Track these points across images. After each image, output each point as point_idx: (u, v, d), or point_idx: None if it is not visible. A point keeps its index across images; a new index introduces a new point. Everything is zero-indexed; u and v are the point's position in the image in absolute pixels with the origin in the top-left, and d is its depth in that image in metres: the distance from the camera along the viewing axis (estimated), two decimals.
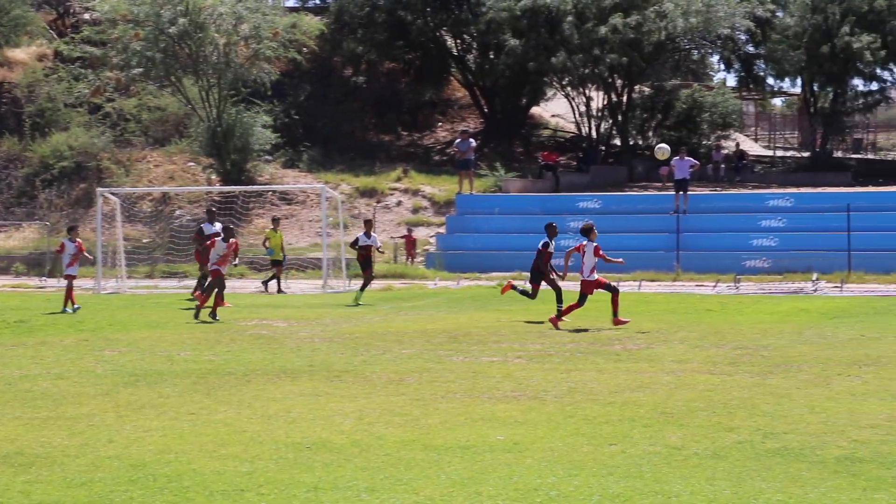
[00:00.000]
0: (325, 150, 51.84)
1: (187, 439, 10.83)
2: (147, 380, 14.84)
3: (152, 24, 45.30)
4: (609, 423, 11.42)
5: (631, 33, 47.48)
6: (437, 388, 13.94)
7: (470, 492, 8.72)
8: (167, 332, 21.36)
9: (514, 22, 49.20)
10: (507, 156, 51.87)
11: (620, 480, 9.02)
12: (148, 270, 40.31)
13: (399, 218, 44.73)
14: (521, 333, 20.34)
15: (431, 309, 25.78)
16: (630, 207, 41.39)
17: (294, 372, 15.48)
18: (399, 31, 52.99)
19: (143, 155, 49.66)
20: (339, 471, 9.47)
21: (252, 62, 46.91)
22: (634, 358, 16.73)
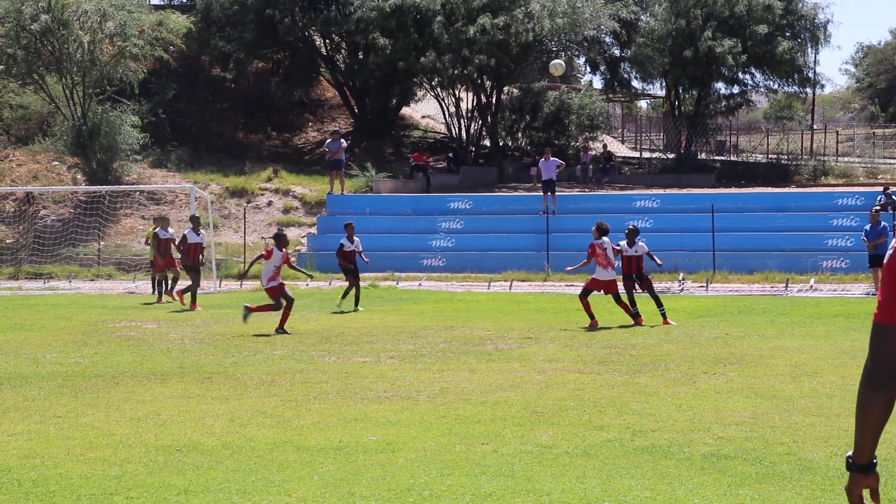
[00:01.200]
0: (194, 150, 51.29)
1: (54, 443, 10.63)
2: (11, 383, 14.53)
3: (13, 20, 44.36)
4: (481, 423, 11.50)
5: (499, 34, 47.81)
6: (309, 388, 13.89)
7: (343, 492, 8.71)
8: (32, 334, 20.94)
9: (382, 21, 49.18)
10: (378, 156, 51.88)
11: (493, 479, 9.08)
12: (12, 271, 39.45)
13: (270, 218, 44.43)
14: (394, 334, 20.36)
15: (303, 310, 25.66)
16: (500, 208, 41.70)
17: (164, 374, 15.29)
18: (267, 29, 52.62)
19: (4, 154, 48.56)
20: (210, 473, 9.38)
21: (118, 60, 46.21)
22: (506, 357, 16.86)
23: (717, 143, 61.94)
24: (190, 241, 28.22)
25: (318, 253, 39.66)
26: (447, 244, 39.40)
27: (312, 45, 55.39)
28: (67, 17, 44.37)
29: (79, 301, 28.78)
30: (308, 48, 55.21)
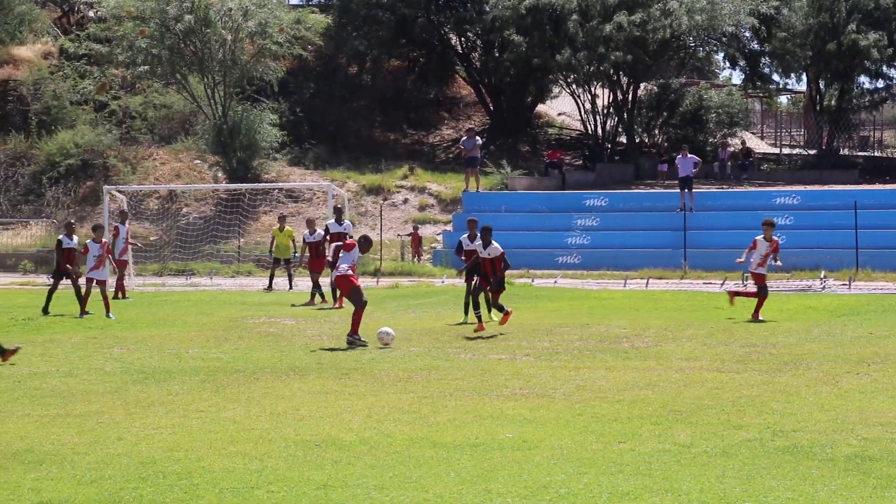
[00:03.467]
0: (331, 148, 51.84)
1: (196, 437, 10.84)
2: (156, 378, 14.85)
3: (158, 20, 45.31)
4: (618, 421, 11.42)
5: (636, 31, 47.43)
6: (445, 385, 13.94)
7: (479, 489, 8.72)
8: (175, 329, 21.37)
9: (518, 19, 49.14)
10: (513, 153, 51.84)
11: (630, 478, 9.01)
12: (156, 268, 40.32)
13: (406, 216, 44.73)
14: (529, 331, 20.33)
15: (439, 307, 25.77)
16: (636, 205, 41.40)
17: (303, 370, 15.49)
18: (403, 28, 52.96)
19: (149, 153, 49.68)
20: (348, 468, 9.47)
21: (258, 59, 46.92)
22: (643, 356, 16.72)
23: (860, 138, 60.63)
24: (332, 231, 27.85)
25: (454, 250, 39.76)
26: (583, 241, 39.24)
27: (448, 42, 55.57)
28: (210, 17, 45.17)
29: (219, 297, 29.31)
30: (443, 46, 55.41)
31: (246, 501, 8.48)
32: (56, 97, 51.56)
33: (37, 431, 11.22)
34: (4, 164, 48.51)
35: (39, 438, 10.85)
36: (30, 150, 49.00)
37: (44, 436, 10.98)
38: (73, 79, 52.02)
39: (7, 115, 52.65)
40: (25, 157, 48.82)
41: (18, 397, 13.36)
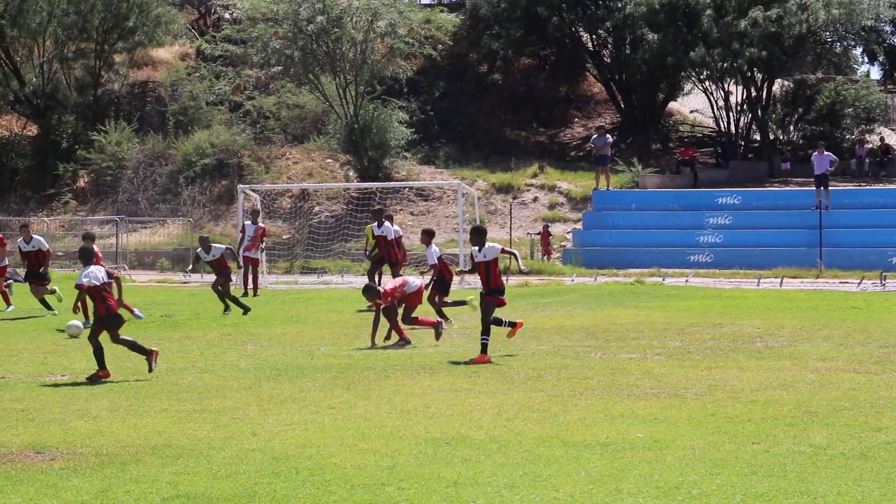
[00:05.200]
0: (462, 147, 51.99)
1: (328, 433, 10.94)
2: (288, 374, 15.04)
3: (291, 22, 45.91)
4: (751, 422, 11.25)
5: (771, 27, 46.71)
6: (575, 384, 13.88)
7: (610, 489, 8.66)
8: (308, 327, 21.63)
9: (651, 16, 48.75)
10: (644, 151, 51.43)
11: (764, 480, 8.87)
12: (287, 266, 40.85)
13: (535, 214, 44.67)
14: (660, 330, 20.14)
15: (568, 305, 25.68)
16: (770, 203, 40.82)
17: (432, 367, 15.55)
18: (534, 26, 52.87)
19: (282, 152, 50.36)
20: (478, 466, 9.48)
21: (388, 59, 47.27)
22: (777, 356, 16.45)
23: None
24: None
25: (584, 248, 39.65)
26: (715, 240, 38.80)
27: (579, 40, 55.34)
28: (341, 17, 45.64)
29: (350, 295, 29.55)
30: (574, 44, 55.20)
31: (377, 498, 8.53)
32: (192, 98, 52.58)
33: (174, 426, 11.44)
34: (143, 164, 49.57)
35: (176, 433, 11.06)
36: (167, 150, 50.01)
37: (180, 431, 11.19)
38: (209, 80, 53.03)
39: (146, 115, 53.85)
40: (163, 157, 49.84)
41: (156, 393, 13.64)
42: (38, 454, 10.21)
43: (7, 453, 10.26)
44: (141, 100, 56.03)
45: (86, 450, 10.33)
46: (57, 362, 16.63)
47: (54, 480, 9.22)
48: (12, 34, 52.70)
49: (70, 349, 18.22)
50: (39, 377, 15.16)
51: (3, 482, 9.19)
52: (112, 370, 15.04)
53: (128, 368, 15.71)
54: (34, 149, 52.21)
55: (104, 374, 14.79)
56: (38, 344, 19.14)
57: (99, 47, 53.13)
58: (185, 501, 8.54)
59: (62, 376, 15.22)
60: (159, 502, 8.54)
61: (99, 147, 49.20)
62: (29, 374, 15.50)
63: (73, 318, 20.84)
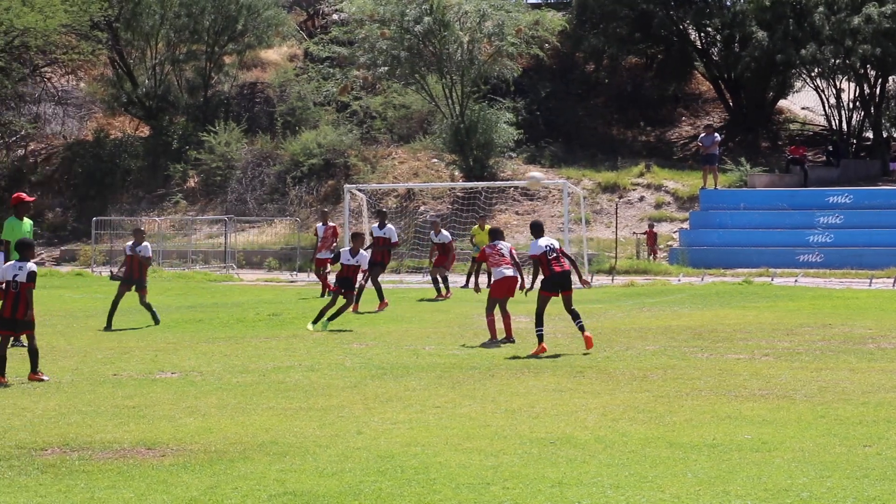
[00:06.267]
0: (567, 146, 51.81)
1: (433, 432, 10.98)
2: (393, 373, 15.12)
3: (398, 23, 46.12)
4: (863, 424, 11.06)
5: (885, 23, 45.82)
6: (681, 385, 13.76)
7: (717, 491, 8.58)
8: (413, 326, 21.72)
9: (760, 13, 48.13)
10: (753, 150, 50.77)
11: (876, 483, 8.72)
12: (394, 265, 41.04)
13: (641, 213, 44.35)
14: (769, 331, 19.88)
15: (675, 305, 25.46)
16: (884, 202, 40.04)
17: (537, 367, 15.53)
18: (641, 24, 52.49)
19: (388, 152, 50.62)
20: (583, 466, 9.45)
21: (495, 59, 47.26)
22: (889, 357, 16.15)
23: None
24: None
25: (691, 248, 39.29)
26: (825, 239, 38.19)
27: (687, 38, 54.82)
28: (448, 19, 45.76)
29: (455, 295, 29.61)
30: (682, 42, 54.69)
31: (482, 497, 8.54)
32: (300, 98, 53.10)
33: (281, 424, 11.56)
34: (251, 164, 50.16)
35: (283, 431, 11.18)
36: (275, 151, 50.54)
37: (287, 428, 11.31)
38: (316, 80, 53.48)
39: (255, 116, 54.47)
40: (271, 157, 50.36)
41: (263, 391, 13.80)
42: (149, 450, 10.39)
43: (119, 449, 10.45)
44: (250, 101, 56.71)
45: (195, 446, 10.49)
46: (167, 360, 16.90)
47: (164, 476, 9.37)
48: (126, 37, 53.74)
49: (180, 347, 18.51)
50: (150, 374, 15.42)
51: (116, 478, 9.37)
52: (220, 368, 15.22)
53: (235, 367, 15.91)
54: (146, 149, 53.11)
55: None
56: (148, 342, 19.47)
57: (209, 49, 53.91)
58: (291, 499, 8.63)
59: (172, 374, 15.46)
60: (266, 499, 8.64)
61: (209, 147, 49.90)
62: (140, 371, 15.78)
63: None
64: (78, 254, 45.93)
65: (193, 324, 22.38)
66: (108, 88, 56.34)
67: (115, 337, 20.45)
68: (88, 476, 9.43)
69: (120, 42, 53.84)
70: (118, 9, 51.98)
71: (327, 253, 30.21)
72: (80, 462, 9.95)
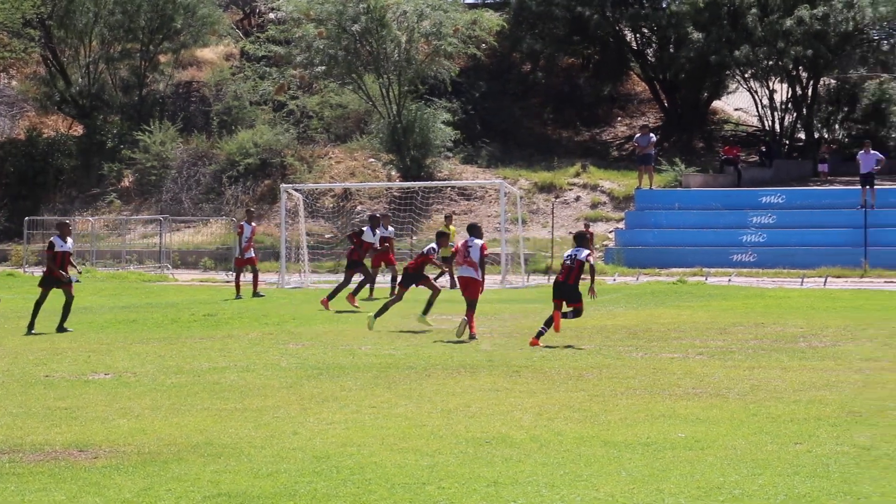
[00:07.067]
0: (504, 146, 51.94)
1: (369, 432, 10.97)
2: (330, 373, 15.09)
3: (335, 22, 46.01)
4: (794, 422, 11.19)
5: (817, 25, 46.37)
6: (616, 384, 13.85)
7: (651, 489, 8.64)
8: (349, 326, 21.69)
9: (695, 15, 48.55)
10: (688, 150, 51.20)
11: (807, 480, 8.82)
12: (331, 265, 40.95)
13: (577, 213, 44.55)
14: (702, 330, 20.06)
15: (610, 305, 25.60)
16: (815, 202, 40.51)
17: (473, 367, 15.55)
18: (578, 25, 52.72)
19: (325, 151, 50.50)
20: (519, 466, 9.48)
21: (432, 59, 47.28)
22: (820, 356, 16.34)
23: None
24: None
25: (627, 248, 39.52)
26: (758, 239, 38.57)
27: (622, 39, 55.16)
28: (386, 18, 45.71)
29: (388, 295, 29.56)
30: (618, 43, 55.01)
31: (417, 497, 8.55)
32: (237, 98, 52.85)
33: (215, 425, 11.50)
34: (187, 163, 49.84)
35: (218, 432, 11.12)
36: (211, 150, 50.26)
37: (222, 429, 11.25)
38: (253, 80, 53.24)
39: (190, 115, 54.15)
40: (207, 157, 50.07)
41: (198, 391, 13.72)
42: (81, 452, 10.30)
43: (50, 451, 10.35)
44: (185, 100, 56.36)
45: (128, 448, 10.41)
46: (100, 361, 16.75)
47: (97, 478, 9.29)
48: (59, 35, 53.18)
49: (114, 348, 18.35)
50: (83, 375, 15.28)
51: (47, 480, 9.28)
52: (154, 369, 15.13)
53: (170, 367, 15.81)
54: (79, 149, 52.59)
55: None
56: (81, 343, 19.28)
57: (144, 48, 53.51)
58: (226, 500, 8.59)
59: (105, 375, 15.33)
60: (200, 500, 8.59)
61: (143, 147, 49.51)
62: (72, 372, 15.63)
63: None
64: (10, 254, 45.44)
65: (127, 324, 22.20)
66: (40, 87, 55.77)
67: (46, 338, 20.22)
68: (19, 479, 9.33)
69: (53, 40, 53.28)
70: (51, 6, 51.44)
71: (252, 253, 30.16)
72: (11, 465, 9.85)
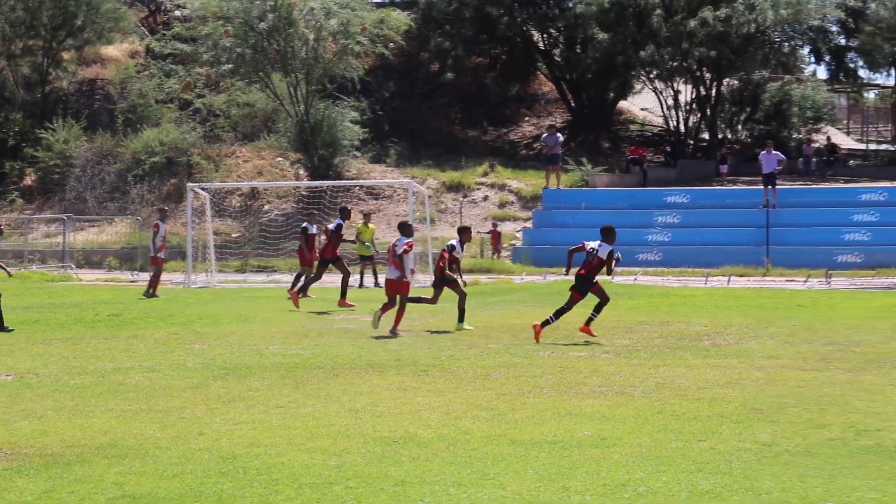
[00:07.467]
0: (412, 146, 52.00)
1: (276, 432, 10.91)
2: (236, 373, 14.98)
3: (242, 20, 45.72)
4: (698, 419, 11.33)
5: (720, 26, 47.05)
6: (523, 383, 13.91)
7: (557, 487, 8.69)
8: (256, 325, 21.55)
9: (601, 16, 49.01)
10: (594, 150, 51.66)
11: (710, 477, 8.94)
12: (238, 265, 40.68)
13: (485, 213, 44.72)
14: (608, 328, 20.24)
15: (518, 304, 25.73)
16: (718, 202, 41.07)
17: (381, 366, 15.53)
18: (486, 26, 52.99)
19: (232, 150, 50.17)
20: (426, 465, 9.48)
21: (340, 58, 47.17)
22: (723, 353, 16.57)
23: None
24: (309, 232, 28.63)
25: (534, 247, 39.75)
26: (663, 238, 39.00)
27: (530, 40, 55.50)
28: (293, 16, 45.52)
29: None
30: (525, 43, 55.35)
31: (324, 497, 8.52)
32: (142, 96, 52.31)
33: (120, 426, 11.36)
34: (91, 162, 49.23)
35: (122, 433, 10.99)
36: (116, 149, 49.70)
37: (127, 430, 11.12)
38: (158, 78, 52.75)
39: (94, 113, 53.48)
40: (112, 155, 49.51)
41: (102, 392, 13.54)
42: None
43: None
44: (89, 98, 55.63)
45: (30, 450, 10.25)
46: (1, 362, 16.46)
47: None
48: None
49: (15, 349, 18.05)
50: None
51: None
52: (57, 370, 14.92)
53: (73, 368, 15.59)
54: None
55: None
56: None
57: (47, 45, 52.77)
58: (130, 502, 8.49)
59: (7, 376, 15.07)
60: (104, 502, 8.48)
61: (46, 145, 48.82)
62: None
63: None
64: None
65: (29, 325, 21.84)
66: None
67: None
68: None
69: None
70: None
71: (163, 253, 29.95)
72: None
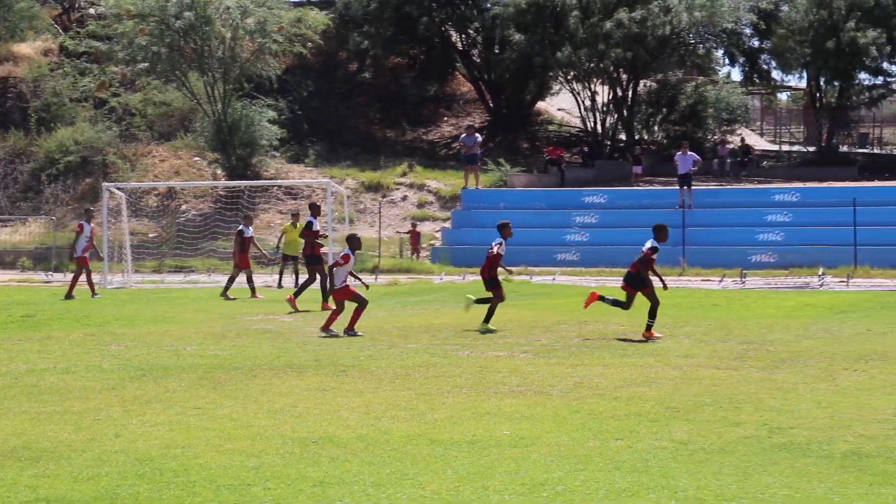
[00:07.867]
0: (331, 145, 51.86)
1: (194, 434, 10.84)
2: (153, 374, 14.85)
3: (158, 18, 45.31)
4: (615, 418, 11.43)
5: (636, 28, 47.47)
6: (443, 382, 13.94)
7: (476, 486, 8.72)
8: (173, 326, 21.37)
9: (518, 17, 49.23)
10: (513, 150, 51.88)
11: (627, 475, 9.02)
12: (154, 265, 40.32)
13: (404, 213, 44.73)
14: (528, 328, 20.35)
15: (437, 304, 25.77)
16: (635, 202, 41.37)
17: (300, 367, 15.49)
18: (404, 26, 53.01)
19: (148, 150, 49.69)
20: (345, 465, 9.48)
21: (257, 57, 46.92)
22: (640, 353, 16.73)
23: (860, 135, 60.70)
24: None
25: (453, 247, 39.81)
26: (581, 238, 39.24)
27: (448, 40, 55.62)
28: (210, 15, 45.18)
29: (217, 294, 29.28)
30: (444, 43, 55.46)
31: (243, 498, 8.48)
32: (56, 94, 51.62)
33: (34, 428, 11.22)
34: (3, 161, 48.54)
35: (36, 435, 10.85)
36: (29, 148, 49.02)
37: (41, 433, 10.98)
38: (72, 76, 52.10)
39: (7, 112, 52.69)
40: (25, 155, 48.84)
41: (15, 394, 13.36)
42: None
43: None
44: (2, 96, 54.78)
45: None
46: None
47: None
48: None
49: None
50: None
51: None
52: None
53: None
54: None
55: None
56: None
57: None
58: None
59: None
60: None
61: None
62: None
63: None
64: None
65: None
66: None
67: None
68: None
69: None
70: None
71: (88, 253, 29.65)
72: None
